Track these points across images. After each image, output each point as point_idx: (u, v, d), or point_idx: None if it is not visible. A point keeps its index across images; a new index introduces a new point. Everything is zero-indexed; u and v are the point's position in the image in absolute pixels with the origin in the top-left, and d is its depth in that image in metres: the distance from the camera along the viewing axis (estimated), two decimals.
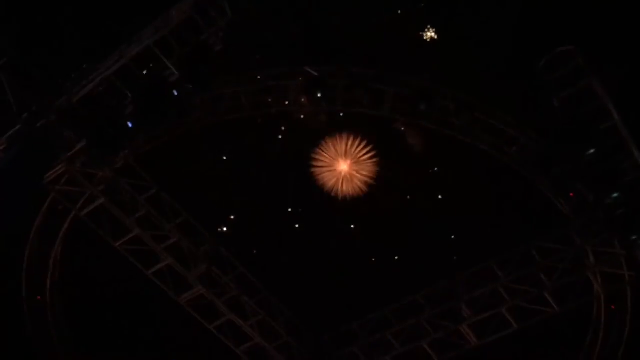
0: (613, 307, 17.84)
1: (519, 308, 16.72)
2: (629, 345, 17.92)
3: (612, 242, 15.51)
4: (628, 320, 17.75)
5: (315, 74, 16.36)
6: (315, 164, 21.10)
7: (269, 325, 17.97)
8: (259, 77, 16.58)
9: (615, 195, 13.95)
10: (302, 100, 17.03)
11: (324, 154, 21.00)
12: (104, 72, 14.05)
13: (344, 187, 21.27)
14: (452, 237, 21.43)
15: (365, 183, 21.31)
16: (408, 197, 21.60)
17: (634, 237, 14.60)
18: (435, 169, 21.22)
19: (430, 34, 19.21)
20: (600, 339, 18.06)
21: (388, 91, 16.30)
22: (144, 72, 14.22)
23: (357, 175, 21.25)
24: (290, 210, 22.00)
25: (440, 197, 21.40)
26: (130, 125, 14.58)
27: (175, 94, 14.37)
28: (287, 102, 16.80)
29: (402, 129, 20.37)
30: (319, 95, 15.86)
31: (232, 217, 21.66)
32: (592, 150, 13.78)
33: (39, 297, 18.19)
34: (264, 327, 17.86)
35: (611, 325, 17.99)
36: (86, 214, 15.98)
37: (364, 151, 21.02)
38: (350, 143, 20.88)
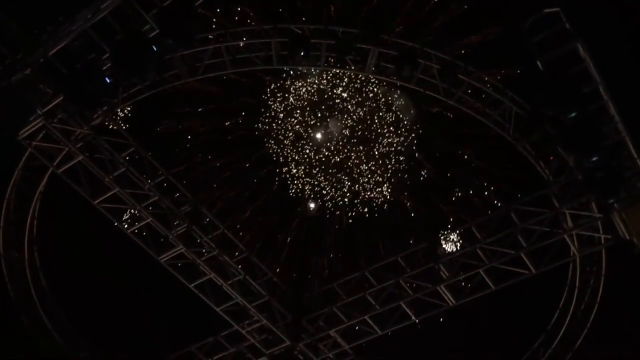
0: (588, 269, 18.19)
1: (496, 269, 16.96)
2: (601, 307, 18.36)
3: (590, 206, 15.68)
4: (602, 283, 18.15)
5: (299, 32, 16.07)
6: None
7: (250, 285, 18.04)
8: (241, 34, 16.25)
9: (594, 158, 14.04)
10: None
11: None
12: (80, 25, 13.65)
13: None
14: (432, 198, 21.61)
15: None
16: (390, 159, 21.63)
17: (611, 201, 14.80)
18: (417, 131, 21.22)
19: None
20: (574, 300, 18.47)
21: (372, 51, 16.08)
22: (122, 27, 13.85)
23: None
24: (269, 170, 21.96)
25: (420, 158, 21.48)
26: (108, 80, 14.29)
27: (155, 49, 14.06)
28: (269, 60, 16.51)
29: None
30: (302, 53, 15.60)
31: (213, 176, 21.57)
32: (573, 114, 13.79)
33: (16, 254, 18.07)
34: (244, 287, 17.94)
35: (586, 287, 18.38)
36: (64, 171, 15.78)
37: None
38: None
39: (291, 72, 20.43)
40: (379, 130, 21.44)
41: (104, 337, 19.96)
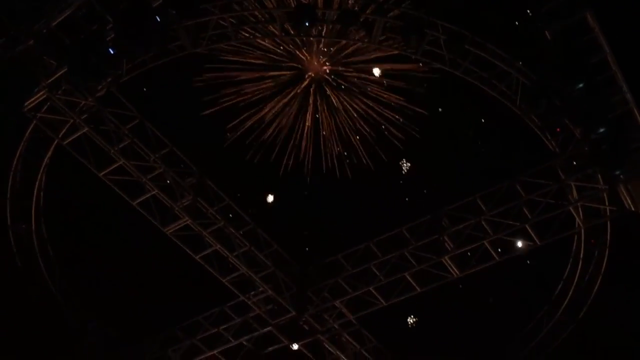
0: (593, 241, 18.18)
1: (500, 241, 16.99)
2: (605, 278, 18.41)
3: (595, 177, 15.62)
4: (606, 255, 18.15)
5: (305, 1, 15.89)
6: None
7: (255, 256, 18.16)
8: (245, 4, 16.07)
9: (601, 130, 13.94)
10: (290, 29, 16.62)
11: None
12: None
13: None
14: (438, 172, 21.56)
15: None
16: (394, 131, 21.53)
17: (617, 172, 14.73)
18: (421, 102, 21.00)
19: None
20: (578, 271, 18.50)
21: (378, 21, 15.88)
22: None
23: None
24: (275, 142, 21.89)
25: (426, 130, 21.34)
26: (112, 51, 14.20)
27: (158, 19, 13.96)
28: (274, 31, 16.36)
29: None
30: (307, 24, 15.43)
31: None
32: (581, 85, 13.66)
33: (24, 226, 18.20)
34: (249, 258, 18.07)
35: (590, 259, 18.40)
36: (69, 142, 15.79)
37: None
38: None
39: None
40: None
41: (110, 308, 20.19)
